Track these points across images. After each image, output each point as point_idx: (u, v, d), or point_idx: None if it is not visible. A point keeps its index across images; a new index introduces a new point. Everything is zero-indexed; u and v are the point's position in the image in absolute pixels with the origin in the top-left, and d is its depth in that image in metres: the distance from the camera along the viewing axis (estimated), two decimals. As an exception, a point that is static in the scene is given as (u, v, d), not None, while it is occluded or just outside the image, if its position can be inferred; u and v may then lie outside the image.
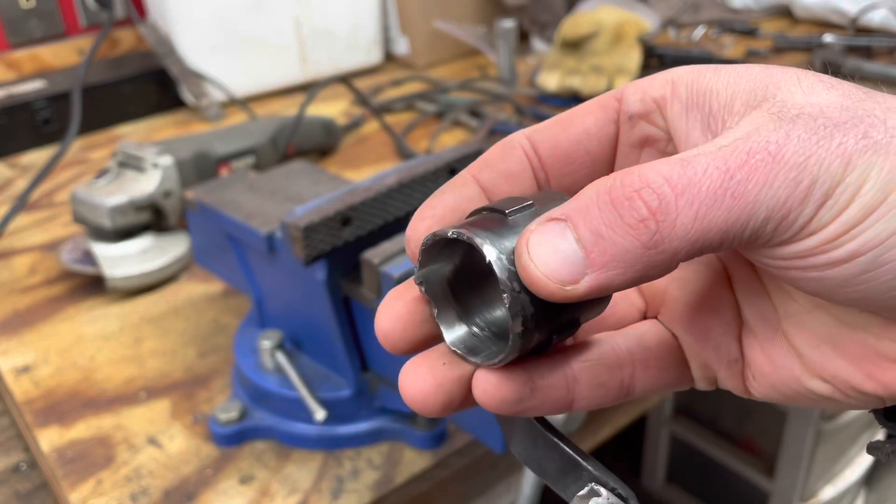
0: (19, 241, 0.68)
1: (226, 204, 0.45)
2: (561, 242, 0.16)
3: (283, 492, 0.41)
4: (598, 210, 0.16)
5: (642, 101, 0.21)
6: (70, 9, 0.96)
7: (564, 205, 0.17)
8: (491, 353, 0.19)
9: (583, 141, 0.22)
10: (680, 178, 0.16)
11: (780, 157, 0.16)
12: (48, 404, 0.48)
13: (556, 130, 0.22)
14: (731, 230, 0.16)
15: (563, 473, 0.21)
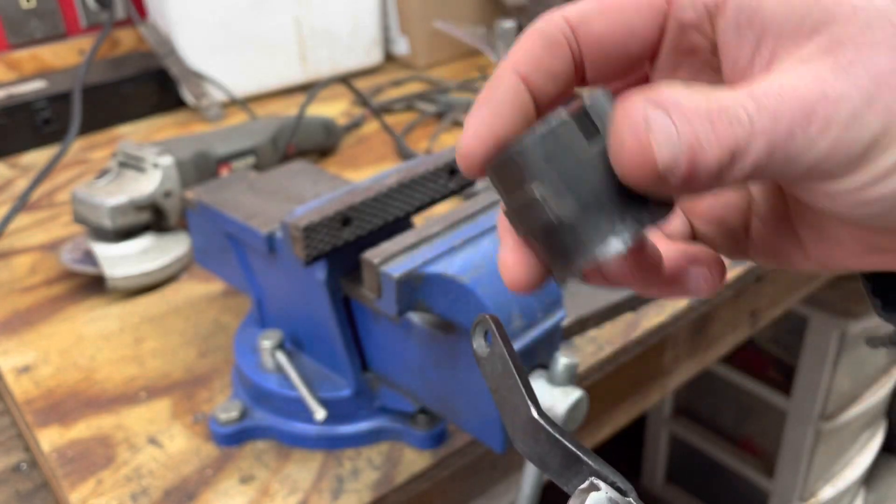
0: (20, 241, 0.68)
1: (226, 204, 0.46)
2: (667, 129, 0.17)
3: (283, 491, 0.41)
4: (698, 119, 0.17)
5: (694, 7, 0.20)
6: (70, 9, 0.96)
7: (657, 89, 0.17)
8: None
9: (627, 41, 0.21)
10: (760, 112, 0.17)
11: (836, 111, 0.16)
12: (48, 404, 0.48)
13: (602, 24, 0.20)
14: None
15: (564, 468, 0.21)
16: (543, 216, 0.18)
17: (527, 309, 0.36)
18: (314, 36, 0.98)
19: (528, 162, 0.18)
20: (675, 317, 0.54)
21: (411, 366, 0.40)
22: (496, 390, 0.23)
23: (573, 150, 0.18)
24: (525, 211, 0.19)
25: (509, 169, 0.19)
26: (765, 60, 0.19)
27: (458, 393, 0.38)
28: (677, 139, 0.17)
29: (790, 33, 0.18)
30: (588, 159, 0.18)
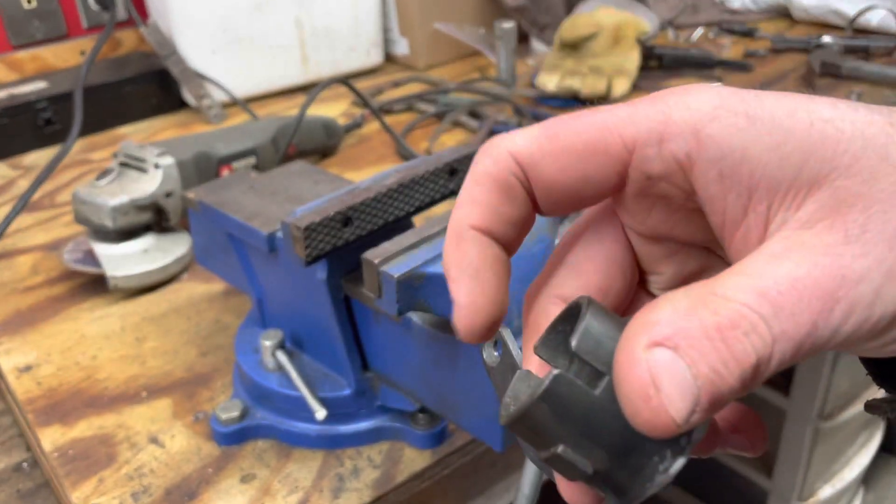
0: (21, 241, 0.68)
1: (227, 204, 0.46)
2: (678, 376, 0.15)
3: (283, 491, 0.42)
4: (710, 345, 0.15)
5: (661, 158, 0.18)
6: (72, 10, 0.97)
7: (657, 318, 0.16)
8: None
9: (581, 187, 0.19)
10: (777, 315, 0.15)
11: (858, 293, 0.15)
12: (50, 403, 0.49)
13: (552, 170, 0.18)
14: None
15: None
16: (578, 470, 0.17)
17: (526, 309, 0.36)
18: (315, 37, 0.98)
19: (537, 424, 0.17)
20: (675, 317, 0.54)
21: (411, 365, 0.40)
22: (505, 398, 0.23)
23: (580, 401, 0.17)
24: (559, 465, 0.18)
25: (523, 431, 0.18)
26: (761, 217, 0.17)
27: (458, 392, 0.38)
28: (692, 382, 0.15)
29: (786, 187, 0.17)
30: (600, 405, 0.17)
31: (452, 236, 0.19)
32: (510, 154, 0.19)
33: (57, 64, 0.97)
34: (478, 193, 0.19)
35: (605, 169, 0.18)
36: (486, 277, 0.19)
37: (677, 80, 0.98)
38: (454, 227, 0.19)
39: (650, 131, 0.18)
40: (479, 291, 0.19)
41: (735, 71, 0.99)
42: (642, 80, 0.96)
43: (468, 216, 0.19)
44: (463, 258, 0.19)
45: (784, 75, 0.99)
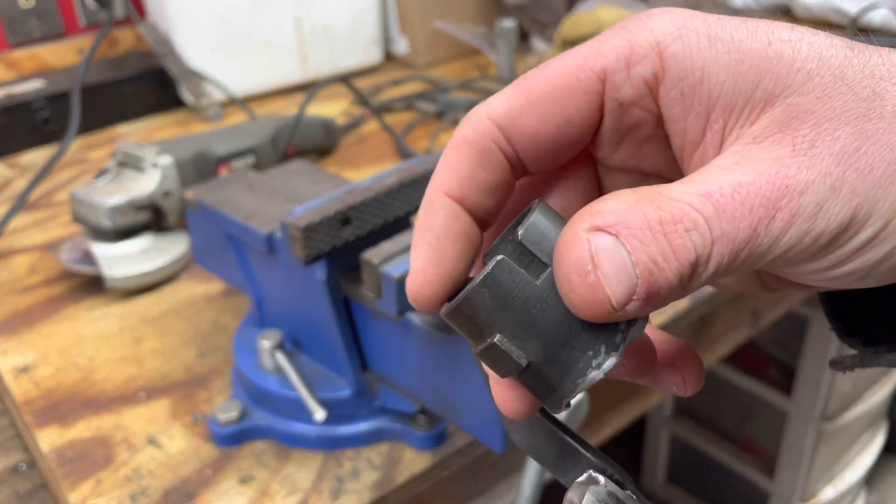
0: (19, 241, 0.68)
1: (225, 204, 0.45)
2: (618, 259, 0.15)
3: (282, 492, 0.41)
4: (651, 235, 0.15)
5: (631, 83, 0.18)
6: (69, 8, 0.96)
7: (601, 209, 0.16)
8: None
9: (563, 131, 0.19)
10: (719, 216, 0.16)
11: (800, 204, 0.16)
12: (48, 404, 0.48)
13: (534, 120, 0.18)
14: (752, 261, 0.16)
15: (561, 460, 0.21)
16: (511, 362, 0.17)
17: (527, 309, 0.36)
18: (314, 35, 0.98)
19: (477, 311, 0.17)
20: (676, 317, 0.54)
21: (411, 366, 0.40)
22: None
23: (520, 289, 0.17)
24: (493, 356, 0.18)
25: (462, 319, 0.18)
26: (717, 136, 0.17)
27: (458, 393, 0.38)
28: (631, 268, 0.15)
29: (741, 105, 0.17)
30: (539, 295, 0.17)
31: (425, 202, 0.19)
32: (488, 118, 0.19)
33: (54, 63, 0.96)
34: (453, 159, 0.19)
35: (583, 107, 0.18)
36: (444, 247, 0.18)
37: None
38: (428, 193, 0.19)
39: (618, 58, 0.18)
40: (433, 261, 0.18)
41: (736, 70, 0.99)
42: (643, 78, 0.96)
43: (442, 183, 0.19)
44: (428, 224, 0.19)
45: (785, 74, 0.98)
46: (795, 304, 0.73)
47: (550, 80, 0.18)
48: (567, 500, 0.20)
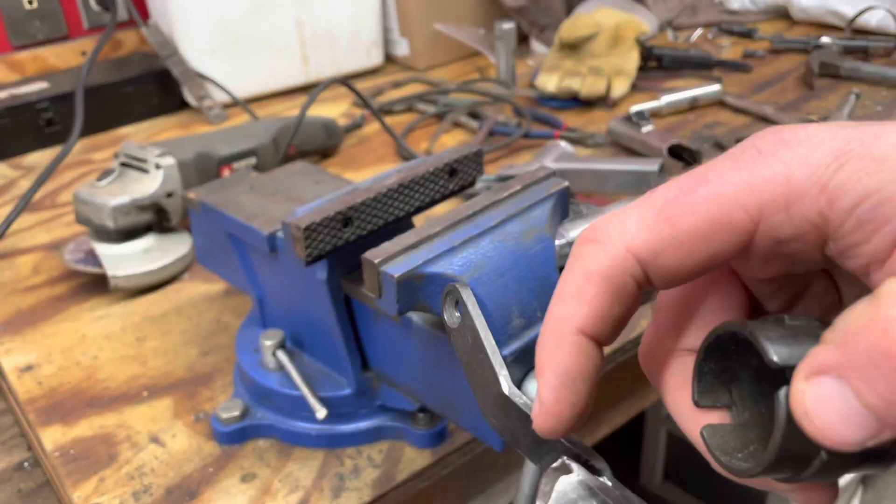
0: (23, 241, 0.68)
1: (228, 204, 0.46)
2: (842, 404, 0.14)
3: (284, 490, 0.42)
4: (878, 371, 0.14)
5: (791, 223, 0.17)
6: (73, 10, 0.97)
7: (827, 352, 0.15)
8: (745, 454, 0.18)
9: (707, 265, 0.18)
10: None
11: None
12: (51, 403, 0.49)
13: (677, 259, 0.17)
14: None
15: (537, 445, 0.21)
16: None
17: (527, 309, 0.36)
18: (315, 37, 0.98)
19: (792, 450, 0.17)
20: (674, 317, 0.54)
21: (411, 365, 0.40)
22: (467, 363, 0.22)
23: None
24: (821, 474, 0.17)
25: (779, 466, 0.17)
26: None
27: (458, 392, 0.38)
28: (861, 411, 0.14)
29: None
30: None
31: (553, 334, 0.18)
32: (628, 251, 0.17)
33: (58, 64, 0.97)
34: (589, 293, 0.18)
35: (729, 245, 0.17)
36: (580, 388, 0.18)
37: (676, 80, 0.98)
38: (556, 323, 0.18)
39: (775, 197, 0.17)
40: (569, 401, 0.18)
41: (734, 72, 1.00)
42: (641, 80, 0.96)
43: (575, 317, 0.18)
44: (561, 363, 0.18)
45: (783, 76, 0.99)
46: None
47: (698, 216, 0.17)
48: (540, 489, 0.19)
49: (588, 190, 0.66)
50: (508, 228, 0.36)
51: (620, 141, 0.79)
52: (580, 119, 0.88)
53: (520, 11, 1.06)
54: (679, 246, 0.17)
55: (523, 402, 0.20)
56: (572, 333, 0.18)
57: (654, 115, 0.87)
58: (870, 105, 0.88)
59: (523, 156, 0.79)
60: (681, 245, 0.17)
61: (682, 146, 0.72)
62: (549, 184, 0.39)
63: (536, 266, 0.37)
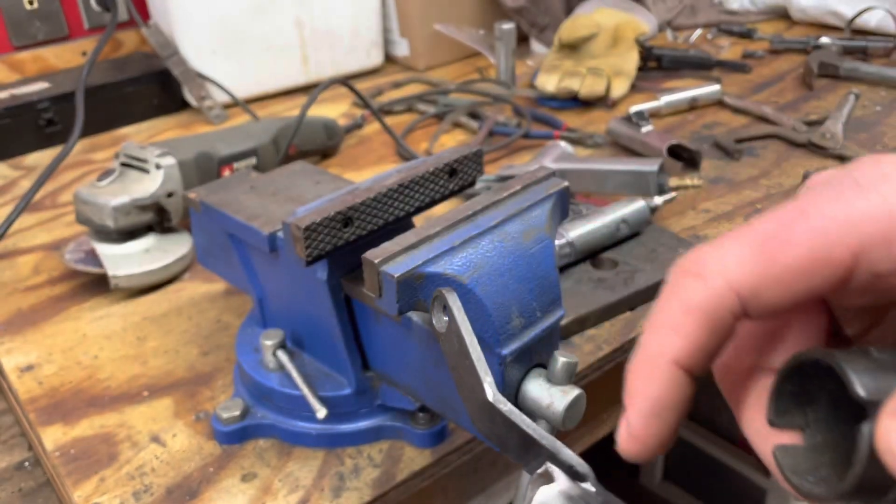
0: (23, 240, 0.69)
1: (228, 204, 0.46)
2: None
3: (284, 489, 0.42)
4: None
5: (891, 258, 0.16)
6: (73, 11, 0.97)
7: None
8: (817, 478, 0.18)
9: (804, 299, 0.17)
10: None
11: None
12: (51, 403, 0.49)
13: (776, 295, 0.17)
14: None
15: (523, 450, 0.20)
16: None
17: (526, 308, 0.36)
18: (315, 38, 0.98)
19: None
20: (673, 317, 0.54)
21: (411, 365, 0.40)
22: (454, 367, 0.22)
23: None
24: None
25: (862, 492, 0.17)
26: None
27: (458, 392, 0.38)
28: None
29: None
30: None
31: (648, 363, 0.18)
32: (729, 287, 0.17)
33: (58, 65, 0.97)
34: (687, 326, 0.17)
35: (829, 280, 0.17)
36: (669, 418, 0.18)
37: (676, 80, 0.98)
38: (650, 353, 0.18)
39: (876, 233, 0.17)
40: (657, 431, 0.18)
41: (733, 72, 1.00)
42: (641, 80, 0.96)
43: (670, 348, 0.18)
44: (653, 392, 0.18)
45: (782, 76, 0.99)
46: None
47: (798, 253, 0.17)
48: (525, 494, 0.19)
49: (587, 190, 0.67)
50: (508, 228, 0.37)
51: (620, 141, 0.79)
52: (580, 119, 0.88)
53: (519, 12, 1.06)
54: (779, 282, 0.17)
55: (508, 410, 0.20)
56: (667, 364, 0.18)
57: (654, 115, 0.87)
58: (869, 105, 0.88)
59: (523, 156, 0.79)
60: (780, 281, 0.17)
61: (682, 146, 0.72)
62: (548, 184, 0.39)
63: (536, 266, 0.37)
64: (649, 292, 0.55)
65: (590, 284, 0.55)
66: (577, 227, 0.57)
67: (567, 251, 0.56)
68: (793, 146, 0.79)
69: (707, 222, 0.65)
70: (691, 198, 0.69)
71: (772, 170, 0.74)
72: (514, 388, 0.37)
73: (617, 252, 0.58)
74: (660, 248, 0.58)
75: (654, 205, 0.62)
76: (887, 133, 0.80)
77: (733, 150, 0.77)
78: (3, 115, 0.83)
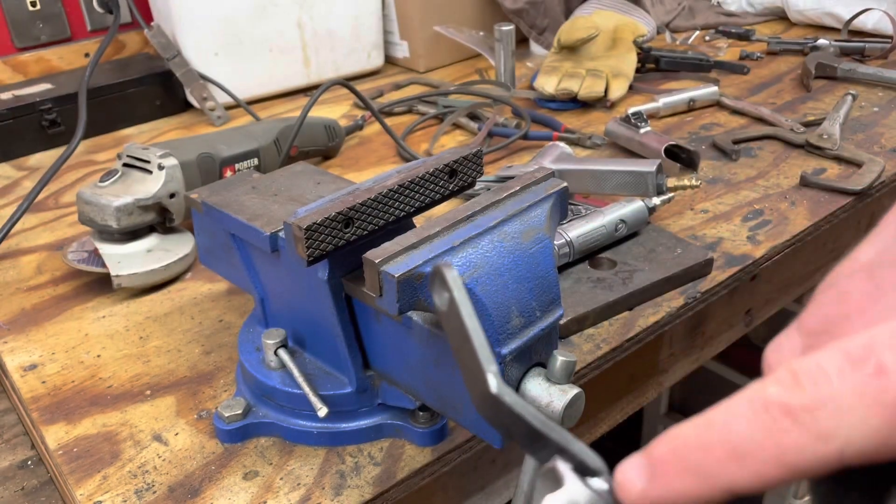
0: (26, 241, 0.69)
1: (230, 205, 0.46)
2: None
3: (286, 488, 0.42)
4: None
5: None
6: (76, 12, 0.97)
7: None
8: None
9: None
10: None
11: None
12: (54, 402, 0.49)
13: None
14: None
15: (529, 440, 0.19)
16: None
17: (526, 308, 0.37)
18: (317, 40, 0.99)
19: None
20: (672, 315, 0.55)
21: (412, 364, 0.41)
22: (457, 350, 0.21)
23: None
24: None
25: None
26: None
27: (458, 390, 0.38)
28: None
29: None
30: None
31: (688, 471, 0.16)
32: (842, 458, 0.15)
33: (61, 66, 0.97)
34: (767, 474, 0.15)
35: None
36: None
37: (674, 82, 0.98)
38: (702, 468, 0.16)
39: None
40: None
41: (731, 73, 1.00)
42: (639, 82, 0.97)
43: (727, 480, 0.16)
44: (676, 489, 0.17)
45: (780, 77, 0.99)
46: (789, 303, 0.74)
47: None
48: (522, 492, 0.18)
49: (586, 190, 0.67)
50: (508, 228, 0.37)
51: (618, 142, 0.79)
52: (579, 120, 0.88)
53: (519, 14, 1.07)
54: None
55: (513, 401, 0.20)
56: (714, 490, 0.16)
57: (652, 116, 0.88)
58: (866, 106, 0.88)
59: (522, 157, 0.80)
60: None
61: (680, 147, 0.73)
62: (547, 184, 0.40)
63: (535, 266, 0.37)
64: (648, 292, 0.55)
65: (588, 284, 0.55)
66: (576, 228, 0.57)
67: (566, 251, 0.56)
68: (790, 147, 0.79)
69: (705, 222, 0.66)
70: (689, 198, 0.70)
71: (769, 170, 0.75)
72: (514, 387, 0.37)
73: (615, 252, 0.59)
74: (658, 248, 0.59)
75: (653, 205, 0.62)
76: (884, 134, 0.81)
77: (731, 150, 0.77)
78: (6, 116, 0.83)
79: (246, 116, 0.92)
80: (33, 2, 0.93)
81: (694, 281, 0.57)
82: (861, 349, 0.15)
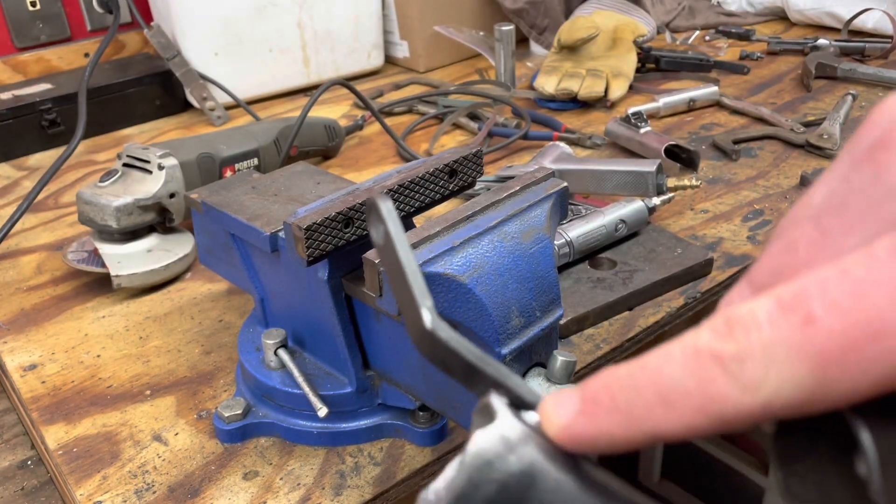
0: (26, 241, 0.69)
1: (230, 205, 0.46)
2: None
3: (285, 488, 0.42)
4: None
5: None
6: (76, 12, 0.97)
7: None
8: None
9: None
10: None
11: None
12: (54, 402, 0.49)
13: (825, 407, 0.14)
14: None
15: (467, 375, 0.18)
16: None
17: (526, 308, 0.37)
18: (316, 40, 0.99)
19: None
20: (671, 315, 0.55)
21: (412, 364, 0.41)
22: (394, 285, 0.20)
23: None
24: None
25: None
26: None
27: (457, 390, 0.38)
28: None
29: None
30: None
31: (615, 411, 0.16)
32: (767, 411, 0.14)
33: (61, 66, 0.97)
34: (691, 421, 0.15)
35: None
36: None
37: (674, 82, 0.98)
38: (628, 409, 0.16)
39: None
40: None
41: (731, 73, 1.00)
42: (639, 82, 0.97)
43: (652, 424, 0.15)
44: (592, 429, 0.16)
45: (780, 77, 0.99)
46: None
47: (870, 380, 0.14)
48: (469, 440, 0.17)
49: (586, 190, 0.67)
50: (508, 228, 0.37)
51: (618, 142, 0.79)
52: (579, 120, 0.88)
53: (519, 14, 1.07)
54: (834, 403, 0.15)
55: (447, 336, 0.18)
56: (639, 434, 0.16)
57: (652, 116, 0.88)
58: (867, 106, 0.88)
59: (522, 157, 0.80)
60: (836, 403, 0.15)
61: (680, 147, 0.73)
62: (547, 184, 0.40)
63: (535, 266, 0.37)
64: (648, 292, 0.55)
65: (588, 284, 0.55)
66: (576, 228, 0.57)
67: (566, 251, 0.56)
68: (790, 147, 0.79)
69: (705, 222, 0.66)
70: (689, 198, 0.70)
71: (769, 170, 0.75)
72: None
73: (615, 252, 0.59)
74: (658, 248, 0.59)
75: (653, 205, 0.62)
76: (885, 134, 0.81)
77: (731, 150, 0.77)
78: (6, 115, 0.84)
79: (246, 116, 0.92)
80: (33, 2, 0.93)
81: (694, 281, 0.57)
82: (792, 296, 0.14)
